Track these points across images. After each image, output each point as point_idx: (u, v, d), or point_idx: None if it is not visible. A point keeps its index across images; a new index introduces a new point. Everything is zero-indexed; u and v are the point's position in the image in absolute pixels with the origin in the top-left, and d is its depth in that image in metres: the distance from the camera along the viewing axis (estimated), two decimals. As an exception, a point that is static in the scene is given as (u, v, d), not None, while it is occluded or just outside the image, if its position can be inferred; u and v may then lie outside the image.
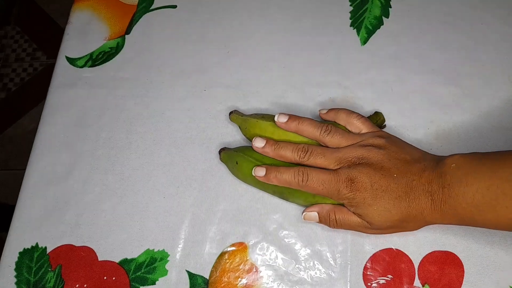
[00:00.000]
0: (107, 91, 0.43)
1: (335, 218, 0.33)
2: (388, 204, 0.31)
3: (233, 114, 0.39)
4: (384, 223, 0.32)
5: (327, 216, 0.34)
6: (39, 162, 0.40)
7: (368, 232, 0.34)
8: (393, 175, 0.31)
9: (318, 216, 0.34)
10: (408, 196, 0.31)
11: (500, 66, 0.42)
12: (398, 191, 0.31)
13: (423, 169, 0.31)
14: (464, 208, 0.29)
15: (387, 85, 0.42)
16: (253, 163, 0.35)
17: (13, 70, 1.29)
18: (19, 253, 0.37)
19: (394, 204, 0.31)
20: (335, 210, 0.33)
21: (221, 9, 0.47)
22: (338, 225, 0.34)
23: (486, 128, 0.39)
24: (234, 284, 0.35)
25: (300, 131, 0.35)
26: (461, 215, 0.30)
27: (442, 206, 0.30)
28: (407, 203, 0.31)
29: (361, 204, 0.31)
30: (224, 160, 0.38)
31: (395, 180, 0.31)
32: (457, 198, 0.29)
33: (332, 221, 0.34)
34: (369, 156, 0.32)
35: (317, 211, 0.34)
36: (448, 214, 0.30)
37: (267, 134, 0.36)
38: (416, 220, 0.32)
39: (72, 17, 0.48)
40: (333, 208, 0.34)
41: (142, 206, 0.38)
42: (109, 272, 0.36)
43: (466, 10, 0.44)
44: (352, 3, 0.46)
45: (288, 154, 0.34)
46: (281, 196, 0.36)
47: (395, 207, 0.31)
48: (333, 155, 0.33)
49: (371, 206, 0.31)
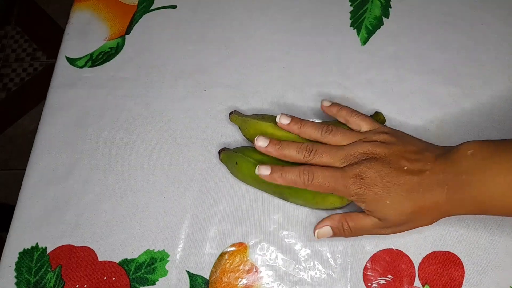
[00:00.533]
0: (107, 91, 0.43)
1: (349, 226, 0.32)
2: (400, 196, 0.30)
3: (233, 114, 0.39)
4: (398, 218, 0.31)
5: (340, 227, 0.33)
6: (39, 162, 0.40)
7: (384, 233, 0.33)
8: (402, 167, 0.30)
9: (331, 229, 0.33)
10: (421, 186, 0.30)
11: (500, 66, 0.42)
12: (410, 183, 0.30)
13: (434, 158, 0.31)
14: (484, 194, 0.28)
15: (387, 85, 0.42)
16: (252, 163, 0.35)
17: (13, 70, 1.29)
18: (19, 253, 0.37)
19: (406, 197, 0.30)
20: (346, 218, 0.33)
21: (221, 9, 0.47)
22: (353, 233, 0.33)
23: (486, 128, 0.39)
24: (234, 284, 0.35)
25: (302, 133, 0.35)
26: (481, 202, 0.29)
27: (460, 195, 0.29)
28: (420, 194, 0.30)
29: (373, 199, 0.31)
30: (224, 160, 0.38)
31: (405, 172, 0.30)
32: (476, 184, 0.28)
33: (346, 230, 0.33)
34: (375, 151, 0.32)
35: (329, 225, 0.33)
36: (466, 202, 0.29)
37: (267, 135, 0.36)
38: (431, 212, 0.31)
39: (72, 17, 0.48)
40: (344, 216, 0.33)
41: (142, 206, 0.38)
42: (109, 272, 0.36)
43: (466, 10, 0.44)
44: (352, 3, 0.46)
45: (292, 154, 0.33)
46: (281, 196, 0.36)
47: (407, 200, 0.30)
48: (339, 153, 0.33)
49: (383, 200, 0.30)
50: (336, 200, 0.34)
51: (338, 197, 0.34)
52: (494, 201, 0.29)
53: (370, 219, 0.32)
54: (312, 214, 0.37)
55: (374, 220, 0.32)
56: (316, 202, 0.34)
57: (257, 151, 0.36)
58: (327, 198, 0.34)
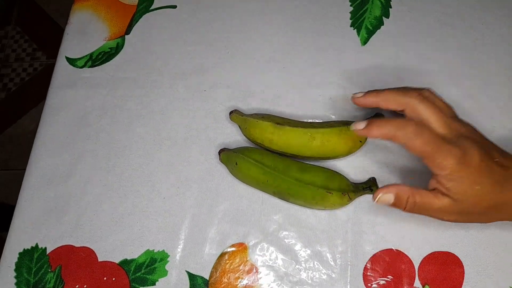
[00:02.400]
0: (107, 91, 0.43)
1: (415, 201, 0.31)
2: (488, 186, 0.29)
3: (234, 113, 0.39)
4: (475, 206, 0.30)
5: (405, 199, 0.31)
6: (39, 162, 0.40)
7: (446, 218, 0.32)
8: (495, 158, 0.30)
9: (394, 198, 0.31)
10: (507, 182, 0.30)
11: (500, 66, 0.42)
12: (499, 176, 0.30)
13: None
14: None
15: (387, 85, 0.41)
16: (252, 164, 0.35)
17: (13, 70, 1.29)
18: (19, 254, 0.37)
19: (491, 189, 0.29)
20: (414, 192, 0.31)
21: (221, 9, 0.47)
22: (414, 209, 0.31)
23: (487, 129, 0.39)
24: (234, 284, 0.35)
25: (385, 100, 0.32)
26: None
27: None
28: (504, 189, 0.30)
29: (464, 179, 0.29)
30: (224, 161, 0.38)
31: (496, 164, 0.30)
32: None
33: (410, 204, 0.31)
34: (474, 134, 0.31)
35: (395, 192, 0.31)
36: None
37: (267, 135, 0.36)
38: (501, 211, 0.31)
39: (72, 17, 0.48)
40: (412, 189, 0.31)
41: (142, 207, 0.38)
42: (109, 272, 0.36)
43: (466, 10, 0.44)
44: (352, 3, 0.46)
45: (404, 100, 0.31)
46: (281, 197, 0.36)
47: (492, 192, 0.30)
48: (445, 118, 0.30)
49: (473, 184, 0.29)
50: (337, 200, 0.34)
51: (338, 197, 0.34)
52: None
53: (440, 200, 0.30)
54: (312, 215, 0.37)
55: (445, 202, 0.30)
56: (316, 202, 0.34)
57: (257, 151, 0.36)
58: (327, 198, 0.34)
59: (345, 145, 0.35)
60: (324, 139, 0.35)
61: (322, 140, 0.35)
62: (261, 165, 0.35)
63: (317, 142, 0.35)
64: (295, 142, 0.36)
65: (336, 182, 0.35)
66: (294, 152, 0.36)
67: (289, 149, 0.36)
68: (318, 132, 0.35)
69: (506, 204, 0.30)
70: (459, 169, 0.29)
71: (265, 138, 0.36)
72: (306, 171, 0.35)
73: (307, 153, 0.36)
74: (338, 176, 0.35)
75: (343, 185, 0.35)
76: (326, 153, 0.36)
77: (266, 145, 0.37)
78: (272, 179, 0.35)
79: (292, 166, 0.35)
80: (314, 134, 0.35)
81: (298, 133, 0.36)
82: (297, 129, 0.36)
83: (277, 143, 0.36)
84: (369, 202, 0.37)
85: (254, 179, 0.35)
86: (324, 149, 0.36)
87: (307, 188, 0.34)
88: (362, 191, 0.35)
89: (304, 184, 0.34)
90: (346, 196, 0.34)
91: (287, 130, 0.36)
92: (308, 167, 0.36)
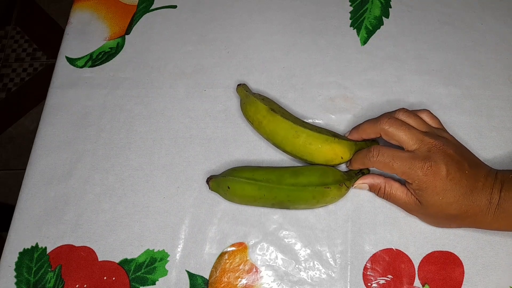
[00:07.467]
0: (107, 91, 0.43)
1: (384, 191, 0.35)
2: (453, 198, 0.31)
3: (240, 87, 0.39)
4: (436, 213, 0.32)
5: (377, 187, 0.35)
6: (39, 162, 0.40)
7: (412, 213, 0.35)
8: (465, 171, 0.31)
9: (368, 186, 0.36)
10: (472, 195, 0.31)
11: (499, 66, 0.42)
12: (466, 188, 0.31)
13: (487, 173, 0.32)
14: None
15: (387, 85, 0.42)
16: (245, 182, 0.35)
17: (13, 70, 1.29)
18: (19, 253, 0.37)
19: (458, 200, 0.31)
20: (387, 183, 0.35)
21: (221, 9, 0.47)
22: (385, 197, 0.35)
23: (486, 128, 0.39)
24: (234, 284, 0.35)
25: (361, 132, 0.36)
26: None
27: (496, 210, 0.31)
28: (469, 202, 0.31)
29: (429, 190, 0.31)
30: (214, 188, 0.37)
31: (466, 176, 0.31)
32: (510, 200, 0.30)
33: (381, 192, 0.35)
34: (447, 147, 0.32)
35: (369, 183, 0.35)
36: (499, 218, 0.31)
37: (259, 116, 0.37)
38: (468, 220, 0.32)
39: (72, 17, 0.48)
40: (386, 181, 0.35)
41: (142, 206, 0.38)
42: (109, 272, 0.36)
43: (466, 10, 0.44)
44: (352, 3, 0.46)
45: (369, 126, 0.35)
46: (282, 206, 0.35)
47: (457, 203, 0.31)
48: (416, 134, 0.33)
49: (438, 196, 0.31)
50: (336, 192, 0.34)
51: (337, 189, 0.34)
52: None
53: (408, 197, 0.33)
54: (312, 214, 0.37)
55: (412, 200, 0.33)
56: (318, 201, 0.34)
57: (245, 169, 0.36)
58: (327, 193, 0.34)
59: (324, 154, 0.35)
60: (306, 141, 0.35)
61: (304, 140, 0.35)
62: (254, 181, 0.34)
63: (300, 141, 0.35)
64: (281, 132, 0.36)
65: (330, 176, 0.35)
66: (277, 143, 0.37)
67: (274, 138, 0.37)
68: (304, 132, 0.36)
69: (472, 215, 0.32)
70: (426, 179, 0.31)
71: (256, 119, 0.37)
72: (299, 174, 0.35)
73: (288, 148, 0.36)
74: (330, 170, 0.36)
75: (337, 176, 0.35)
76: (304, 155, 0.36)
77: (256, 126, 0.38)
78: (268, 191, 0.34)
79: (284, 174, 0.35)
80: (300, 132, 0.36)
81: (286, 125, 0.36)
82: (287, 122, 0.36)
83: (265, 128, 0.37)
84: (369, 202, 0.37)
85: (251, 197, 0.35)
86: (304, 150, 0.36)
87: (305, 190, 0.34)
88: (355, 176, 0.36)
89: (301, 187, 0.34)
90: (343, 186, 0.34)
91: (277, 119, 0.36)
92: (299, 169, 0.36)
